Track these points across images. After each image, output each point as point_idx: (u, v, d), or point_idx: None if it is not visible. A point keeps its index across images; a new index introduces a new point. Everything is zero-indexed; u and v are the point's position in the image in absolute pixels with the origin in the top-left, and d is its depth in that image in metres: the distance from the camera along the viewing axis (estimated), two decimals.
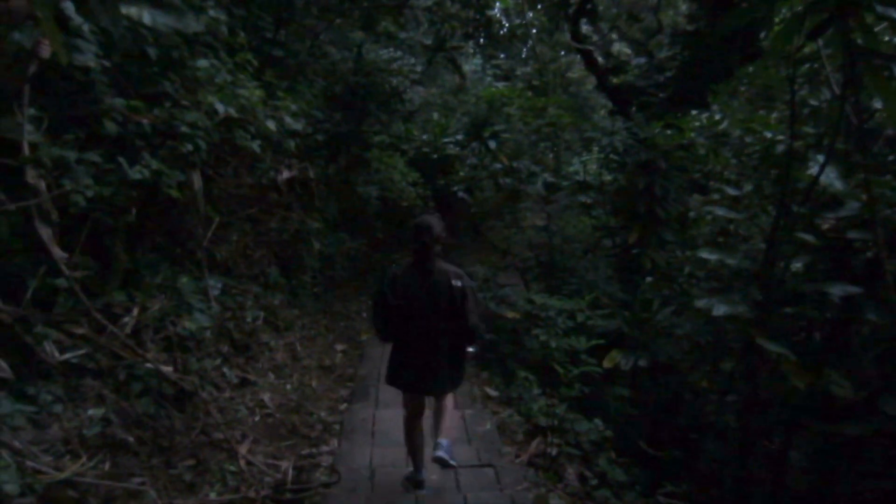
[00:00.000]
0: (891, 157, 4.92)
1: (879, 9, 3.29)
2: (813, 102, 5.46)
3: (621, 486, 4.69)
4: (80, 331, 3.70)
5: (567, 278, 7.96)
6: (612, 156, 8.39)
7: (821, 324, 4.10)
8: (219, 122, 5.11)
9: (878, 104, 4.56)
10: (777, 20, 5.35)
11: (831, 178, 4.19)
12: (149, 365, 4.08)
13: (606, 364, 5.86)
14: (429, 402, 3.87)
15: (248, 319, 5.67)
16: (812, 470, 4.37)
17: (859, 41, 3.45)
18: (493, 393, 5.84)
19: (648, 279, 6.71)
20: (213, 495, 3.93)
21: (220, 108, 4.92)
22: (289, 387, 5.61)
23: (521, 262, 9.04)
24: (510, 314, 6.75)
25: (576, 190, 9.32)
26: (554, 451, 4.75)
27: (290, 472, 4.36)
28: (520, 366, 6.06)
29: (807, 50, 4.86)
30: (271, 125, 5.40)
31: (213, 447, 4.37)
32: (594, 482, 4.61)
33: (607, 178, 8.86)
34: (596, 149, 9.38)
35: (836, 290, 3.66)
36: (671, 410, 6.17)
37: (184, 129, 4.67)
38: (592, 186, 8.92)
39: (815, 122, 5.37)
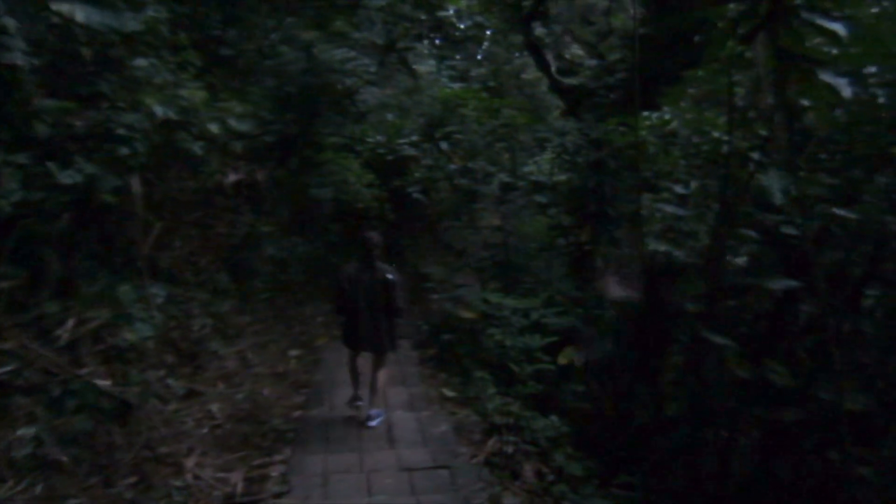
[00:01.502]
0: (823, 156, 5.09)
1: (805, 15, 3.40)
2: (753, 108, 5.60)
3: (578, 480, 4.72)
4: (7, 345, 3.50)
5: (522, 277, 8.01)
6: (563, 156, 8.48)
7: (761, 315, 4.22)
8: (159, 124, 4.93)
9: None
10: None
11: (773, 185, 4.30)
12: (85, 379, 3.90)
13: (561, 361, 5.91)
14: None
15: (195, 328, 5.50)
16: (756, 455, 4.50)
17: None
18: (449, 394, 5.81)
19: (599, 281, 6.81)
20: None
21: (158, 110, 4.74)
22: (239, 396, 5.45)
23: (477, 262, 9.05)
24: (467, 314, 6.74)
25: (531, 190, 9.38)
26: (510, 450, 4.75)
27: (241, 484, 4.23)
28: (476, 365, 6.05)
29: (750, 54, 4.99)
30: (214, 127, 5.24)
31: (157, 463, 4.21)
32: (551, 478, 4.63)
33: (560, 177, 8.95)
34: (549, 149, 9.48)
35: (776, 285, 3.77)
36: (626, 403, 6.26)
37: (121, 131, 4.49)
38: (547, 186, 8.99)
39: (756, 124, 5.52)
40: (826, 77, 3.47)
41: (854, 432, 3.97)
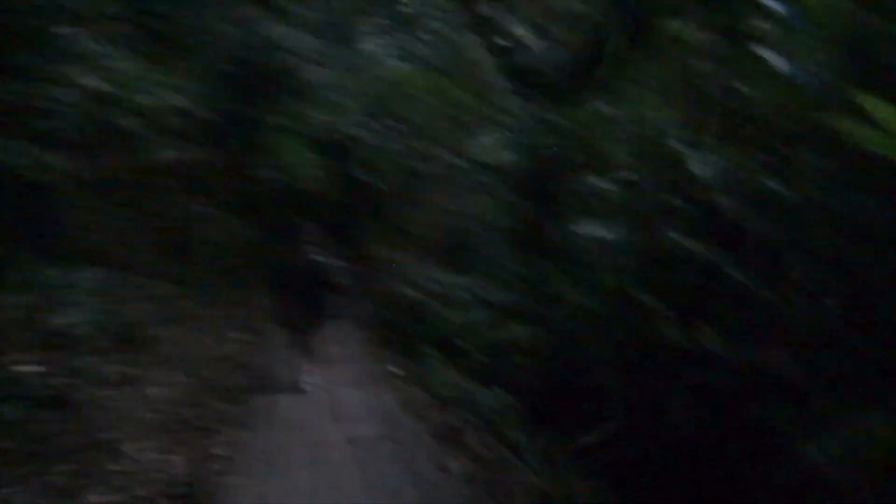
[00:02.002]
0: (756, 134, 5.32)
1: None
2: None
3: (523, 448, 4.85)
4: None
5: (469, 256, 8.08)
6: (510, 135, 8.56)
7: (692, 283, 4.41)
8: (87, 97, 4.71)
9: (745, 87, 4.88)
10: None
11: (700, 164, 4.49)
12: (13, 367, 3.74)
13: (506, 335, 6.01)
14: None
15: (132, 312, 5.32)
16: (689, 416, 4.71)
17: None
18: (395, 370, 5.85)
19: (545, 260, 6.91)
20: (94, 498, 3.68)
21: (86, 81, 4.53)
22: (180, 379, 5.32)
23: (424, 242, 9.07)
24: (412, 293, 6.76)
25: (478, 170, 9.44)
26: (456, 422, 4.83)
27: (184, 466, 4.16)
28: (422, 342, 6.09)
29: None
30: (147, 99, 5.04)
31: (94, 449, 4.08)
32: (496, 447, 4.73)
33: (508, 158, 9.03)
34: (496, 129, 9.54)
35: (702, 249, 3.94)
36: (570, 374, 6.43)
37: (44, 104, 4.27)
38: (494, 166, 9.06)
39: (698, 106, 5.69)
40: (763, 55, 3.61)
41: (778, 393, 4.23)
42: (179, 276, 6.69)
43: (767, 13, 3.81)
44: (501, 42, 13.08)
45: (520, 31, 15.15)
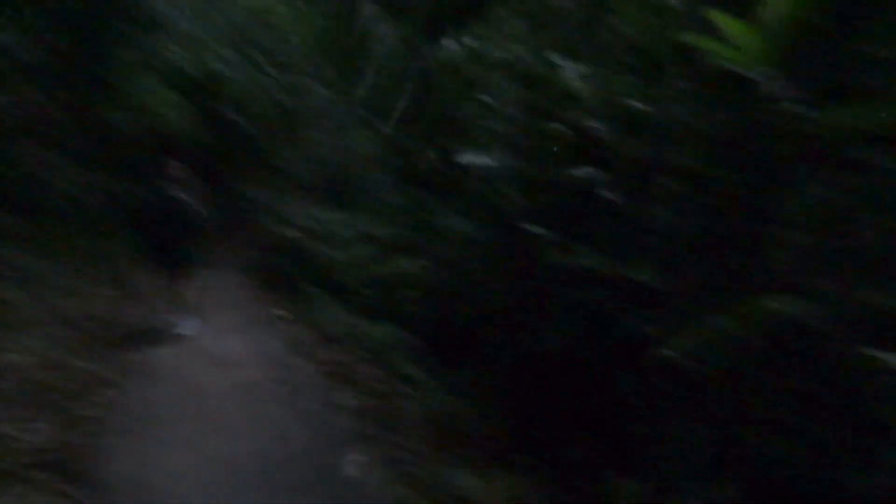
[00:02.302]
0: (626, 57, 5.50)
1: None
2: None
3: (415, 379, 4.97)
4: None
5: (351, 192, 7.94)
6: (383, 65, 8.32)
7: (570, 205, 4.60)
8: None
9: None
10: None
11: (573, 76, 4.61)
12: None
13: (392, 269, 6.04)
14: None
15: None
16: (569, 333, 5.02)
17: None
18: (281, 313, 5.72)
19: (429, 192, 6.91)
20: None
21: None
22: (42, 343, 4.89)
23: (301, 180, 8.76)
24: (293, 234, 6.56)
25: (355, 103, 9.15)
26: (346, 358, 4.85)
27: (53, 432, 3.88)
28: (307, 282, 5.98)
29: None
30: None
31: None
32: (387, 379, 4.82)
33: (382, 86, 8.79)
34: (371, 61, 9.22)
35: (579, 173, 4.10)
36: (458, 304, 6.61)
37: None
38: (371, 99, 8.82)
39: (567, 31, 5.77)
40: None
41: (645, 301, 4.59)
42: (27, 234, 6.03)
43: None
44: None
45: None
